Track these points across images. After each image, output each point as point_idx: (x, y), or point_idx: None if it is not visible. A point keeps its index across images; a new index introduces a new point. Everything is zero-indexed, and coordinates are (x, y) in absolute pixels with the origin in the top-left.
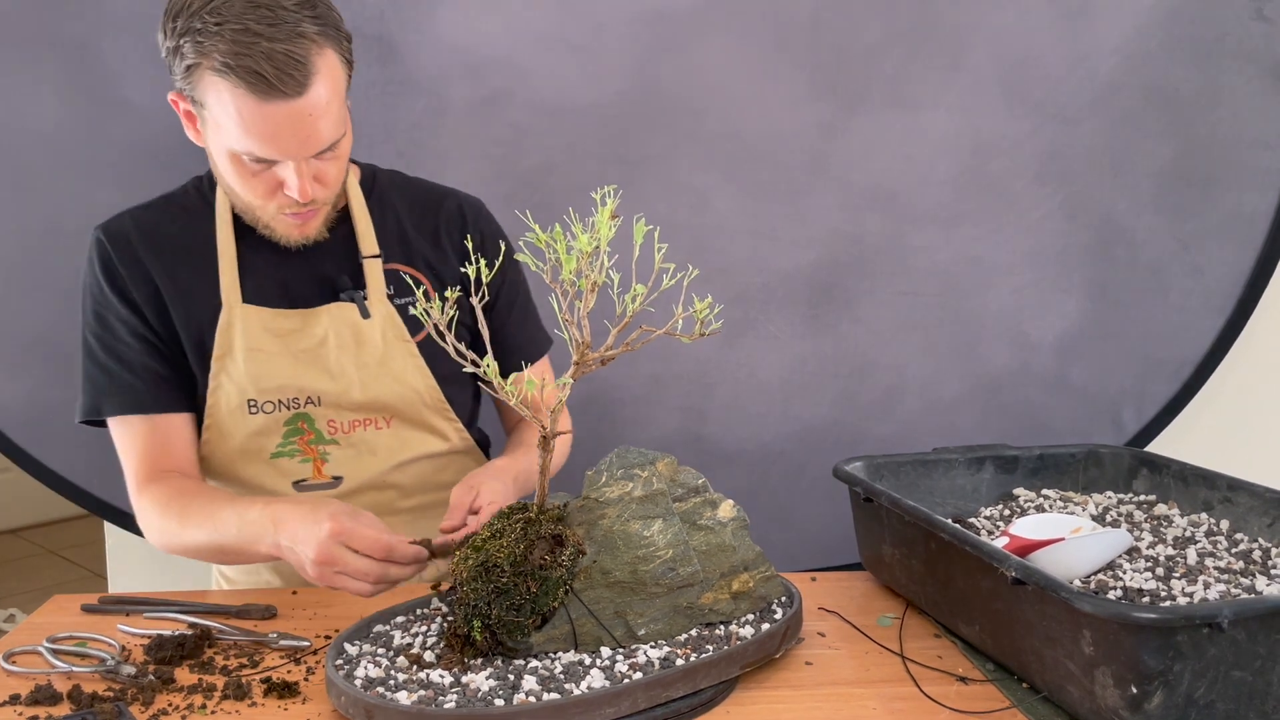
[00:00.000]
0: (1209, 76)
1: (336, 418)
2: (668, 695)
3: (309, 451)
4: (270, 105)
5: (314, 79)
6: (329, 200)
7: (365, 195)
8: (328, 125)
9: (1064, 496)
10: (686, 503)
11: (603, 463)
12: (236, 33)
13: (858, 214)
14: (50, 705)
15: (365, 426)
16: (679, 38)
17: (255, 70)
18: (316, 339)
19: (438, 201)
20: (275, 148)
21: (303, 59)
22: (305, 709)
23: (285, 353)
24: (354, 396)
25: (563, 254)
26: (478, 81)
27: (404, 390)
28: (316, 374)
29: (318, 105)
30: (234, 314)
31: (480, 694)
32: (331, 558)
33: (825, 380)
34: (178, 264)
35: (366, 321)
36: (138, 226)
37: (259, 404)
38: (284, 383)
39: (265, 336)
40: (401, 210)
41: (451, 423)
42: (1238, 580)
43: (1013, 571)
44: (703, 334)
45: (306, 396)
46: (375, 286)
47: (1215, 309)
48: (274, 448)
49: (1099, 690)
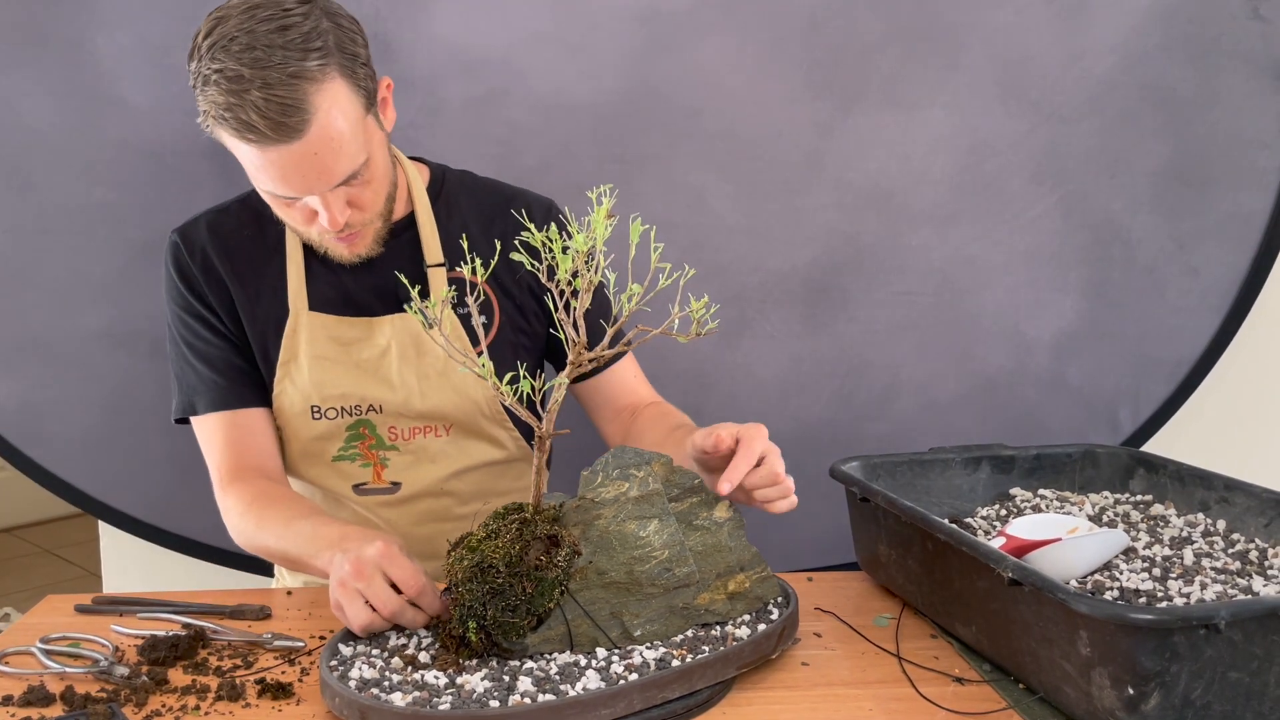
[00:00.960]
0: (1206, 76)
1: (397, 425)
2: (664, 696)
3: (369, 456)
4: (271, 151)
5: (314, 118)
6: (370, 221)
7: (432, 199)
8: (341, 159)
9: (1060, 496)
10: (682, 503)
11: (598, 463)
12: (230, 81)
13: (854, 213)
14: (43, 706)
15: (425, 434)
16: (675, 36)
17: (247, 122)
18: (378, 349)
19: (505, 205)
20: (289, 188)
21: (296, 103)
22: (299, 710)
23: (347, 361)
24: (414, 406)
25: (559, 253)
26: (473, 80)
27: (463, 401)
28: (377, 384)
29: (323, 143)
30: (300, 321)
31: (475, 695)
32: (364, 573)
33: (822, 380)
34: (248, 269)
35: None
36: (210, 230)
37: (322, 410)
38: (346, 391)
39: (329, 345)
40: (469, 214)
41: (509, 432)
42: (1234, 581)
43: (1009, 572)
44: (699, 334)
45: (369, 405)
46: (438, 296)
47: (1212, 309)
48: (335, 451)
49: (1096, 691)
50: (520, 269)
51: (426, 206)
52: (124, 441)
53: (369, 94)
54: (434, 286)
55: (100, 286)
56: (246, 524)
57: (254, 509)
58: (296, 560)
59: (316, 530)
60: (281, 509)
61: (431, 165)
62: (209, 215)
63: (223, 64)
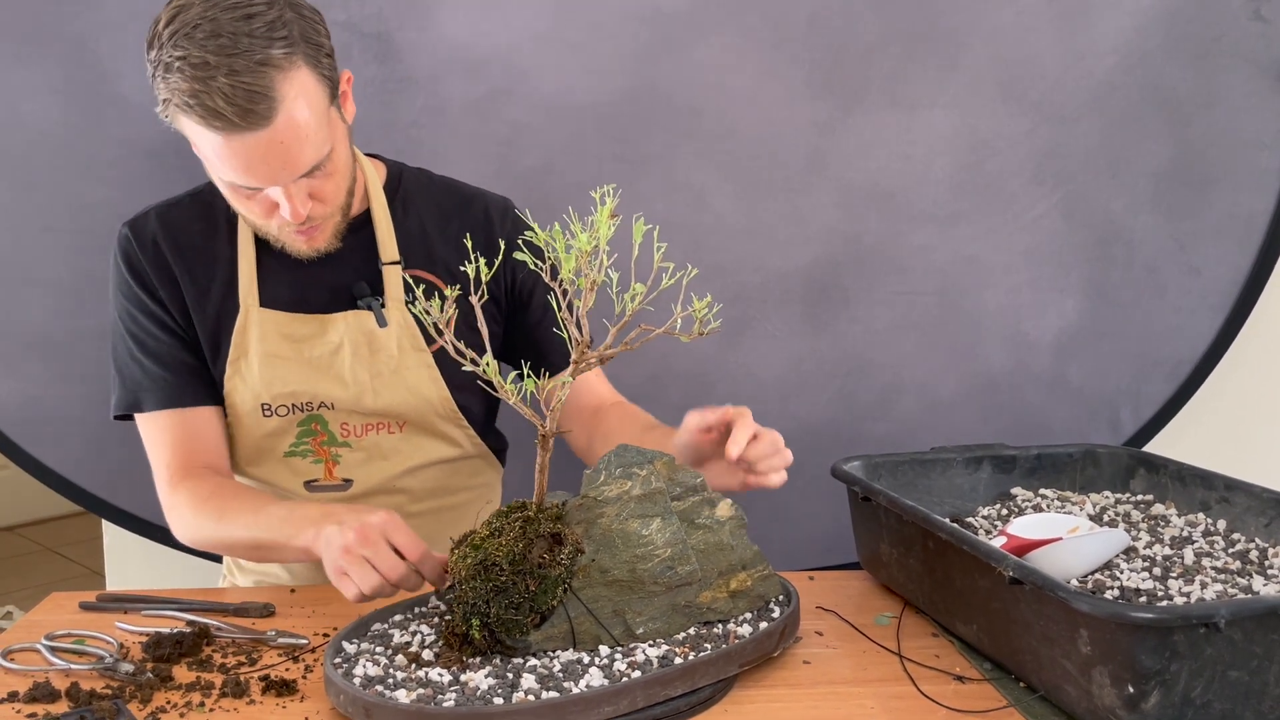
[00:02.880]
0: (1206, 76)
1: (350, 421)
2: (666, 694)
3: (321, 453)
4: (237, 139)
5: (280, 106)
6: (331, 215)
7: (389, 197)
8: (306, 148)
9: (1061, 496)
10: (685, 501)
11: (601, 461)
12: (195, 68)
13: (855, 213)
14: (48, 703)
15: (378, 430)
16: (677, 36)
17: (214, 109)
18: (331, 346)
19: (464, 204)
20: (252, 178)
21: (263, 90)
22: (303, 707)
23: (299, 359)
24: (366, 404)
25: (561, 253)
26: (476, 80)
27: (416, 400)
28: (329, 382)
29: (289, 132)
30: (250, 317)
31: (479, 692)
32: (369, 539)
33: (823, 379)
34: (198, 263)
35: (382, 330)
36: (162, 224)
37: (272, 408)
38: (297, 388)
39: (280, 342)
40: (426, 213)
41: (464, 430)
42: (1235, 580)
43: (1010, 571)
44: (701, 333)
45: (320, 402)
46: (394, 294)
47: (1213, 309)
48: (287, 447)
49: (1096, 690)
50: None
51: (383, 203)
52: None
53: (333, 85)
54: (389, 284)
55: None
56: (203, 518)
57: (212, 502)
58: (269, 546)
59: (293, 511)
60: (245, 499)
61: (389, 162)
62: (159, 208)
63: (186, 51)
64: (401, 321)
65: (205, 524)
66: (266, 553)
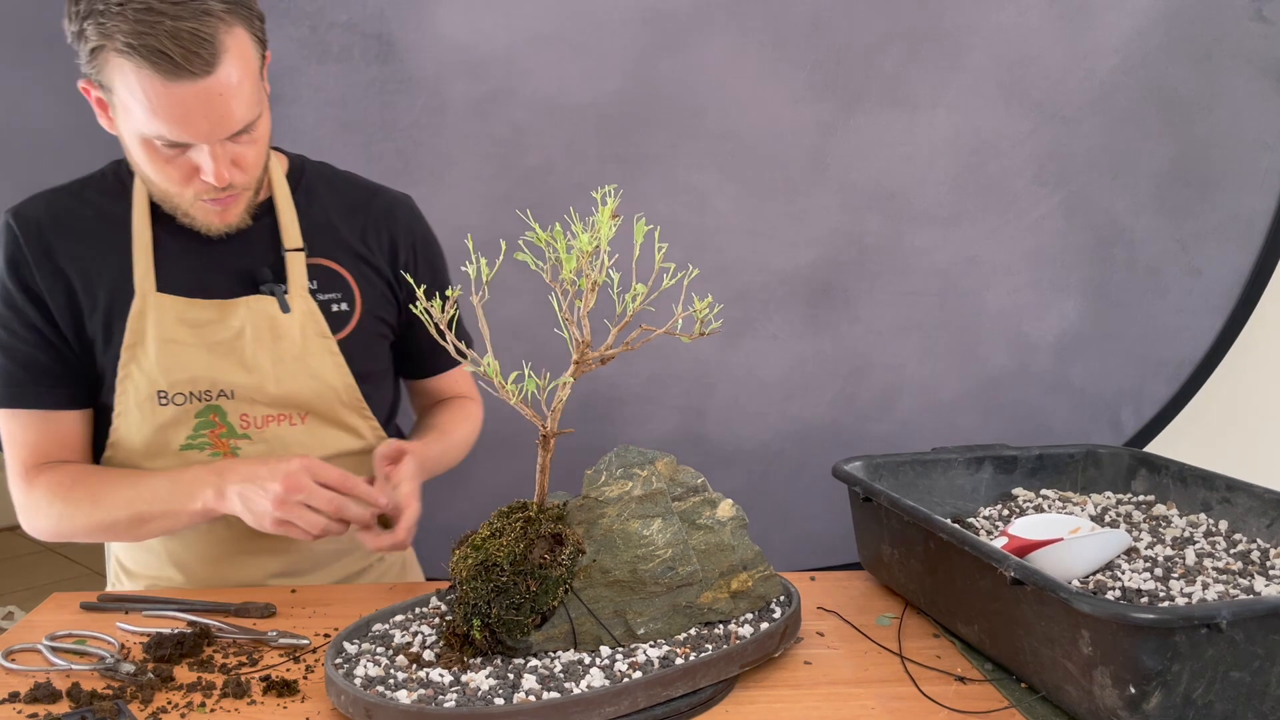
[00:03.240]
0: (1208, 77)
1: (250, 412)
2: (667, 694)
3: (219, 445)
4: (178, 86)
5: (222, 57)
6: (250, 185)
7: (292, 187)
8: (240, 105)
9: (1063, 497)
10: (686, 502)
11: (602, 462)
12: (139, 12)
13: (857, 214)
14: (49, 703)
15: (279, 422)
16: (679, 37)
17: (159, 49)
18: (232, 331)
19: (367, 198)
20: (186, 130)
21: (209, 37)
22: (304, 707)
23: (199, 344)
24: (269, 390)
25: (563, 253)
26: (477, 80)
27: (321, 387)
28: (230, 366)
29: (228, 85)
30: (147, 303)
31: (480, 693)
32: (299, 485)
33: (824, 380)
34: (90, 250)
35: (285, 316)
36: (50, 211)
37: (169, 395)
38: (196, 374)
39: (179, 327)
40: (329, 204)
41: (368, 421)
42: (1236, 581)
43: (1011, 571)
44: (702, 333)
45: (219, 389)
46: (297, 280)
47: (1214, 309)
48: (183, 440)
49: (1097, 690)
50: (379, 259)
51: (286, 192)
52: None
53: (263, 52)
54: (292, 270)
55: None
56: (71, 506)
57: (79, 487)
58: (155, 517)
59: (179, 477)
60: (115, 476)
61: (290, 154)
62: (48, 194)
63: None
64: (305, 308)
65: (75, 511)
66: (150, 525)
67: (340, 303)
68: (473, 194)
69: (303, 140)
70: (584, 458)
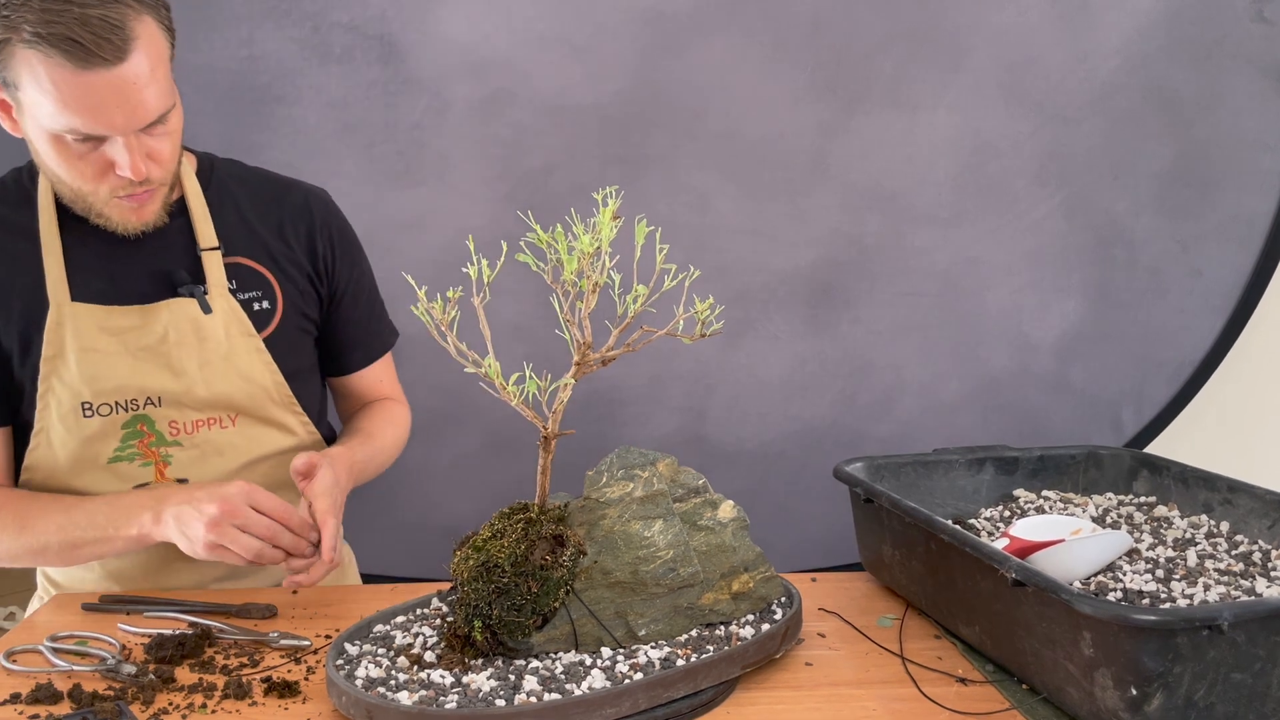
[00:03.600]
0: (1209, 78)
1: (179, 418)
2: (668, 695)
3: (150, 454)
4: (89, 74)
5: (134, 44)
6: (165, 180)
7: (203, 186)
8: (154, 95)
9: (1064, 498)
10: (687, 503)
11: (603, 463)
12: (45, 1)
13: (858, 214)
14: (51, 704)
15: (210, 426)
16: (680, 38)
17: (69, 37)
18: (155, 336)
19: (281, 193)
20: (100, 121)
21: (119, 23)
22: (306, 708)
23: (123, 351)
24: (198, 394)
25: (564, 254)
26: (479, 81)
27: (250, 387)
28: (157, 372)
29: (141, 74)
30: (63, 313)
31: (481, 694)
32: (235, 510)
33: (825, 380)
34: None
35: (208, 317)
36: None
37: (94, 407)
38: (122, 383)
39: (99, 335)
40: (243, 201)
41: (299, 417)
42: (1238, 582)
43: (1013, 573)
44: (704, 334)
45: (146, 397)
46: (216, 280)
47: (1215, 310)
48: (111, 452)
49: (1099, 692)
50: (297, 254)
51: (197, 191)
52: None
53: (172, 42)
54: (210, 270)
55: None
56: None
57: (5, 510)
58: (88, 543)
59: (115, 503)
60: (44, 502)
61: (197, 153)
62: None
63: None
64: (226, 307)
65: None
66: (83, 550)
67: (261, 300)
68: (474, 195)
69: (304, 142)
70: (585, 459)
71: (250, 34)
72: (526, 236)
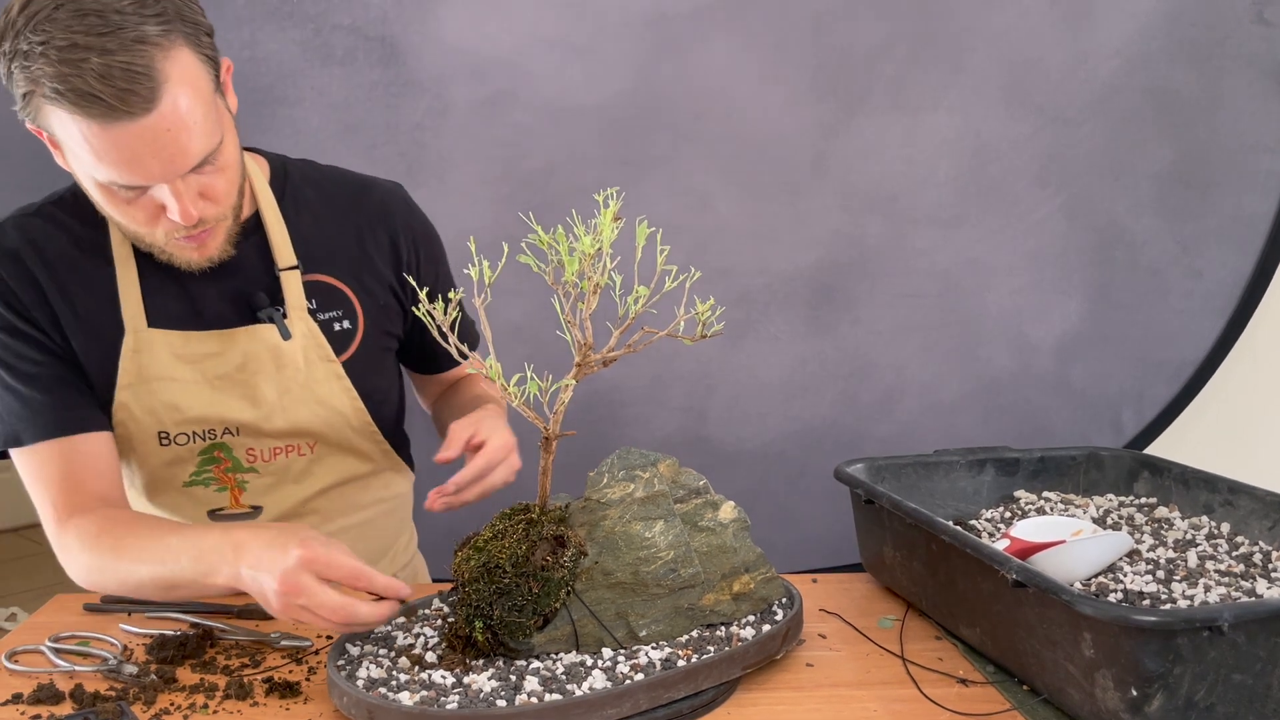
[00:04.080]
0: (1210, 79)
1: (256, 446)
2: (669, 696)
3: (225, 480)
4: (117, 128)
5: (163, 89)
6: (224, 215)
7: (277, 196)
8: (195, 137)
9: (1065, 499)
10: (688, 504)
11: (604, 464)
12: (62, 51)
13: (858, 216)
14: (52, 704)
15: (287, 454)
16: (681, 39)
17: (89, 93)
18: (234, 364)
19: (358, 195)
20: (137, 173)
21: (144, 69)
22: (307, 709)
23: (200, 380)
24: (276, 423)
25: (565, 255)
26: (480, 82)
27: (329, 415)
28: (235, 402)
29: (175, 118)
30: (139, 340)
31: (482, 695)
32: (298, 587)
33: (826, 381)
34: (72, 282)
35: (287, 343)
36: (25, 239)
37: (171, 436)
38: (200, 414)
39: (176, 364)
40: (320, 208)
41: (379, 445)
42: (1238, 583)
43: (1013, 574)
44: (704, 335)
45: (224, 427)
46: (295, 302)
47: (1215, 311)
48: (187, 476)
49: (1099, 693)
50: (378, 265)
51: (272, 203)
52: None
53: (215, 67)
54: (288, 291)
55: None
56: (97, 557)
57: (106, 538)
58: (180, 585)
59: (201, 543)
60: (143, 530)
61: (269, 156)
62: (16, 219)
63: (49, 34)
64: (305, 330)
65: (99, 563)
66: (180, 590)
67: (341, 320)
68: (475, 196)
69: (306, 143)
70: (586, 460)
71: (252, 36)
72: (528, 237)
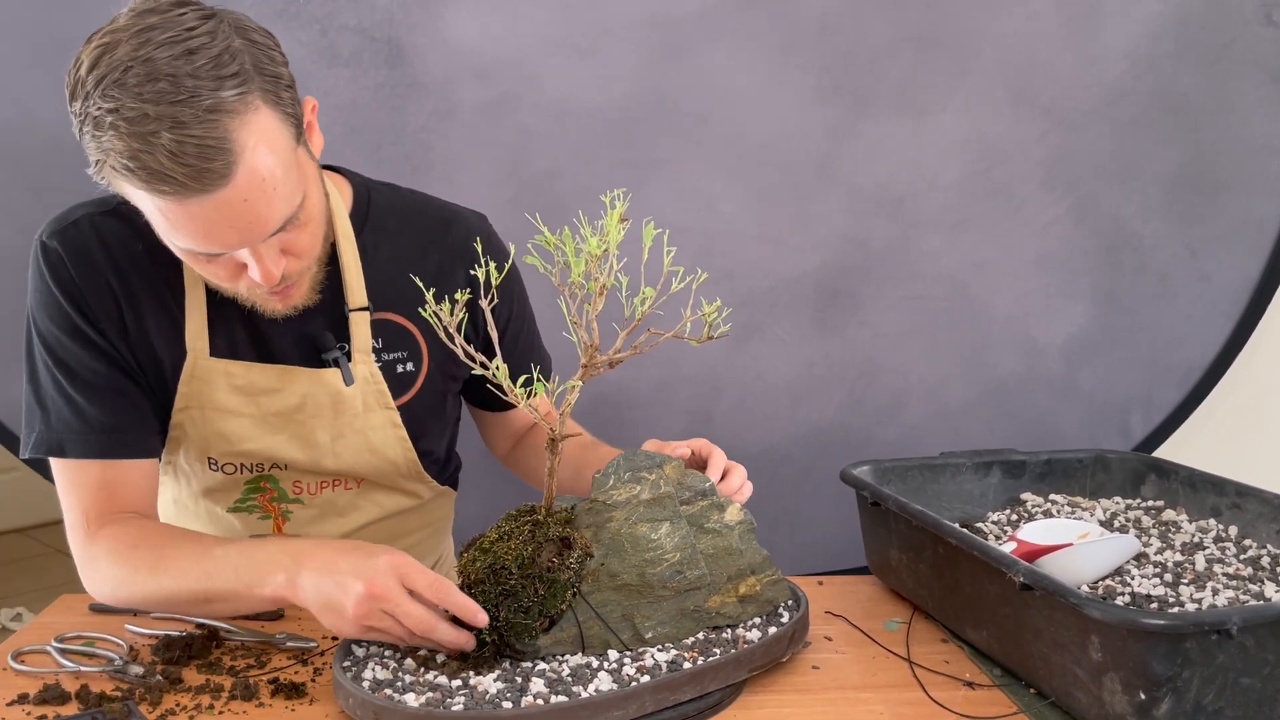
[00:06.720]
0: (1218, 82)
1: (304, 480)
2: (675, 698)
3: (270, 509)
4: (192, 203)
5: (240, 159)
6: (307, 269)
7: (357, 228)
8: (274, 203)
9: (1072, 502)
10: (693, 506)
11: (610, 465)
12: (132, 124)
13: (865, 218)
14: (58, 705)
15: (334, 488)
16: (686, 41)
17: (160, 171)
18: (291, 404)
19: (441, 229)
20: (214, 243)
21: (217, 143)
22: (313, 710)
23: (255, 414)
24: (325, 465)
25: (571, 257)
26: (486, 84)
27: (379, 462)
28: (287, 442)
29: (253, 187)
30: (198, 368)
31: (488, 696)
32: (384, 592)
33: (832, 384)
34: (142, 290)
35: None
36: (99, 237)
37: (219, 464)
38: (251, 449)
39: (233, 395)
40: (400, 242)
41: (426, 484)
42: (1246, 586)
43: (1020, 577)
44: (711, 337)
45: (273, 463)
46: (361, 345)
47: (1223, 314)
48: (232, 502)
49: (1107, 696)
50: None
51: (350, 239)
52: None
53: (297, 121)
54: (355, 333)
55: None
56: (131, 569)
57: (143, 548)
58: (221, 598)
59: (250, 554)
60: (182, 542)
61: (353, 180)
62: (90, 216)
63: (119, 101)
64: (368, 375)
65: (135, 575)
66: (218, 605)
67: (406, 363)
68: (481, 198)
69: None
70: None
71: None
72: (534, 239)
